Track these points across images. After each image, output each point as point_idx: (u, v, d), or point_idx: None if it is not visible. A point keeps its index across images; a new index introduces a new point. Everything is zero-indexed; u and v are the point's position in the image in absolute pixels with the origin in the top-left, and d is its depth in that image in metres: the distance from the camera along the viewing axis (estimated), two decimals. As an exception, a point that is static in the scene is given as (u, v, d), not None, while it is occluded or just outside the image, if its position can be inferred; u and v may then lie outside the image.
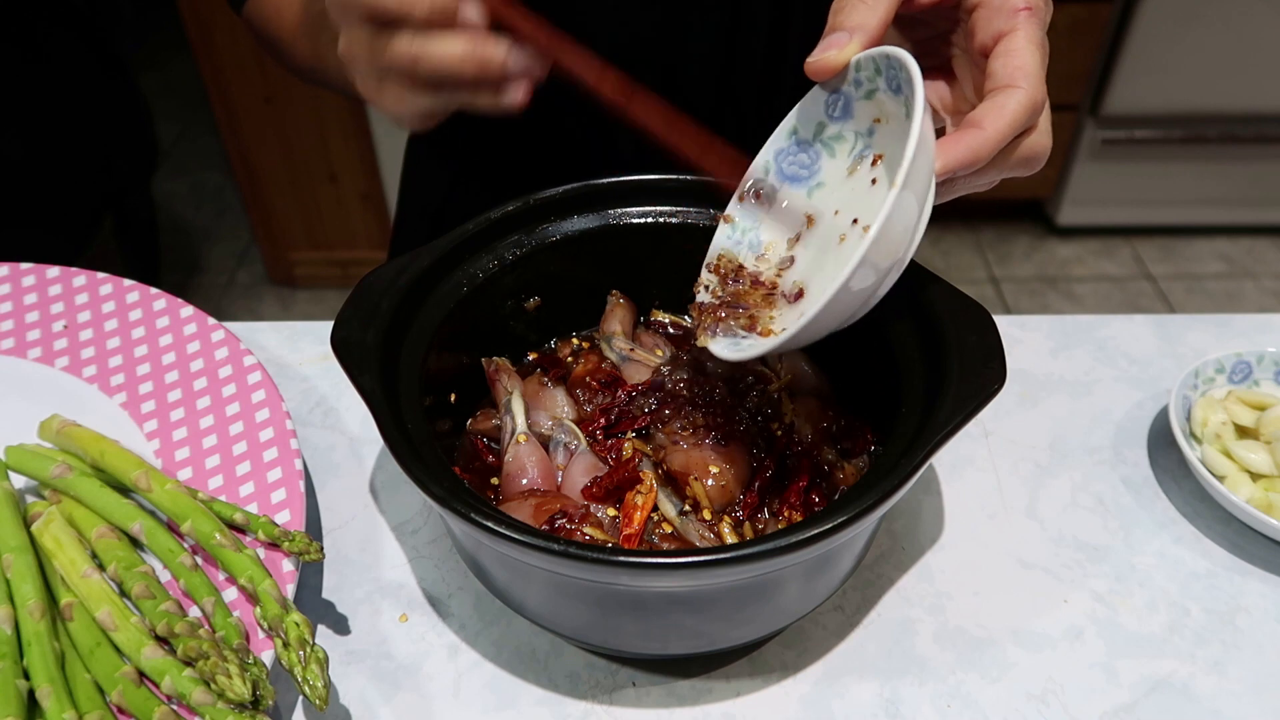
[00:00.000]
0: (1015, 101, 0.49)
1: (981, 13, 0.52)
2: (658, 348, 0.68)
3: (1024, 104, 0.49)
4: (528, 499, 0.57)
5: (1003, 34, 0.51)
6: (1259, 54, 2.15)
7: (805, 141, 0.56)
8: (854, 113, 0.54)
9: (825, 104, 0.55)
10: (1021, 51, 0.50)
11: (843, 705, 0.56)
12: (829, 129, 0.55)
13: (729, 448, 0.58)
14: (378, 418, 0.51)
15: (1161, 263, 2.49)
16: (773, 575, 0.49)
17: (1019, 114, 0.49)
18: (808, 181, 0.57)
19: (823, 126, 0.56)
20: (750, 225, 0.59)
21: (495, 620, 0.61)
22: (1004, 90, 0.50)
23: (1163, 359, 0.79)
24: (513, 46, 0.53)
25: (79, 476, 0.61)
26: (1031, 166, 0.53)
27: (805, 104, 0.55)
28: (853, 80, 0.52)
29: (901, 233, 0.47)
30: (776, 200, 0.58)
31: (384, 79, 0.55)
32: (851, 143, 0.55)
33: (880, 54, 0.50)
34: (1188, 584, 0.63)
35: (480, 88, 0.55)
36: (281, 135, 2.14)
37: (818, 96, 0.55)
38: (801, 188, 0.57)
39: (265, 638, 0.54)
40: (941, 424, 0.49)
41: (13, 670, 0.51)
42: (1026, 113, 0.50)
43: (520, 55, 0.54)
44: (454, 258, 0.62)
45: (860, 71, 0.51)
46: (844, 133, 0.55)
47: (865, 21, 0.51)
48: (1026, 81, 0.50)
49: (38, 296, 0.77)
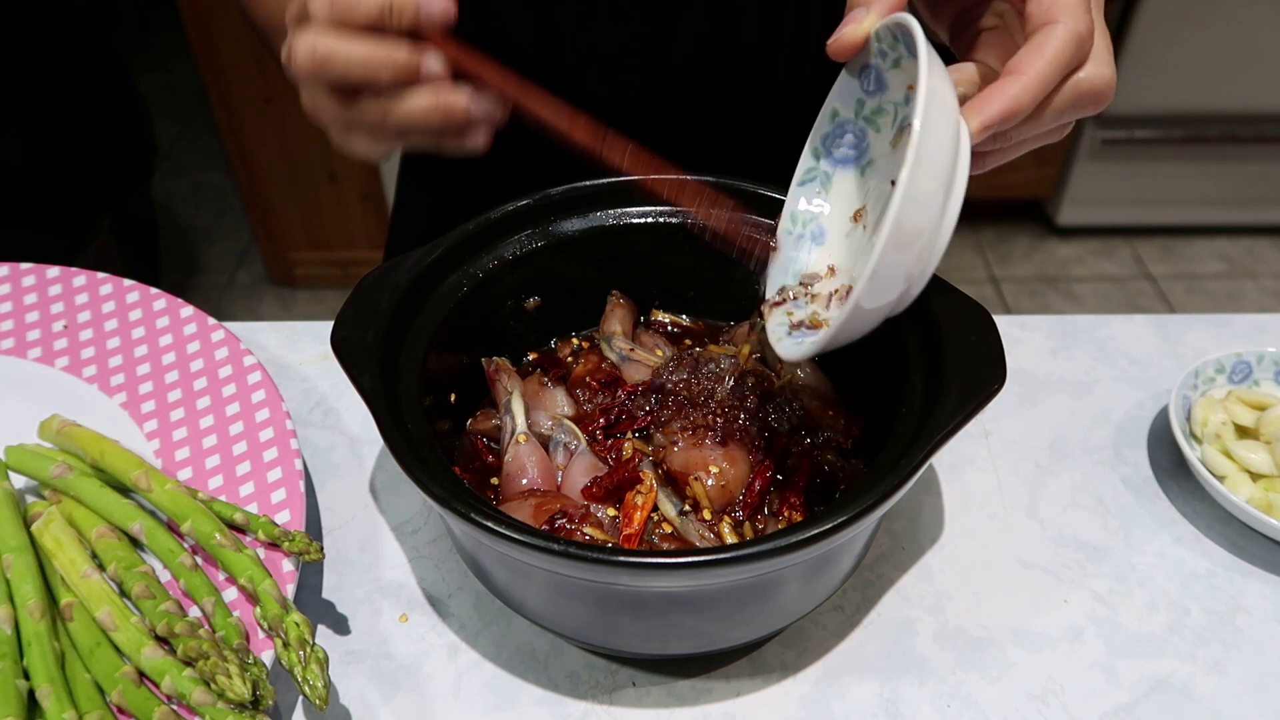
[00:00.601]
0: (1055, 38, 0.46)
1: None
2: (658, 348, 0.68)
3: (1065, 39, 0.46)
4: (528, 499, 0.57)
5: None
6: (1259, 54, 2.15)
7: (849, 121, 0.56)
8: (888, 84, 0.53)
9: (859, 81, 0.54)
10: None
11: (843, 705, 0.56)
12: (868, 104, 0.55)
13: (729, 448, 0.58)
14: (378, 418, 0.51)
15: (1161, 263, 2.50)
16: (773, 575, 0.49)
17: (1061, 51, 0.46)
18: (859, 161, 0.57)
19: (862, 103, 0.55)
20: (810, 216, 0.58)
21: (495, 620, 0.61)
22: (1042, 28, 0.46)
23: (1163, 359, 0.79)
24: (475, 94, 0.55)
25: (79, 476, 0.61)
26: (1096, 104, 0.50)
27: (840, 85, 0.54)
28: (877, 52, 0.51)
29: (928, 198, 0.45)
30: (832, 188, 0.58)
31: (351, 129, 0.56)
32: (892, 114, 0.54)
33: (892, 21, 0.48)
34: (1188, 584, 0.63)
35: (445, 134, 0.56)
36: (281, 135, 2.14)
37: (849, 76, 0.54)
38: (854, 168, 0.57)
39: (265, 638, 0.54)
40: (941, 424, 0.49)
41: (13, 670, 0.51)
42: (1070, 47, 0.46)
43: (482, 102, 0.55)
44: (454, 258, 0.62)
45: (881, 42, 0.50)
46: (883, 105, 0.54)
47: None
48: (1065, 14, 0.46)
49: (38, 296, 0.77)
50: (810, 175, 0.58)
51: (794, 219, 0.58)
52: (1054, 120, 0.50)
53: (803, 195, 0.58)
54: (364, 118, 0.55)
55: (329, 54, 0.52)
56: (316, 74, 0.53)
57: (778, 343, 0.54)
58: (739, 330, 0.69)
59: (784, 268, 0.58)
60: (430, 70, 0.54)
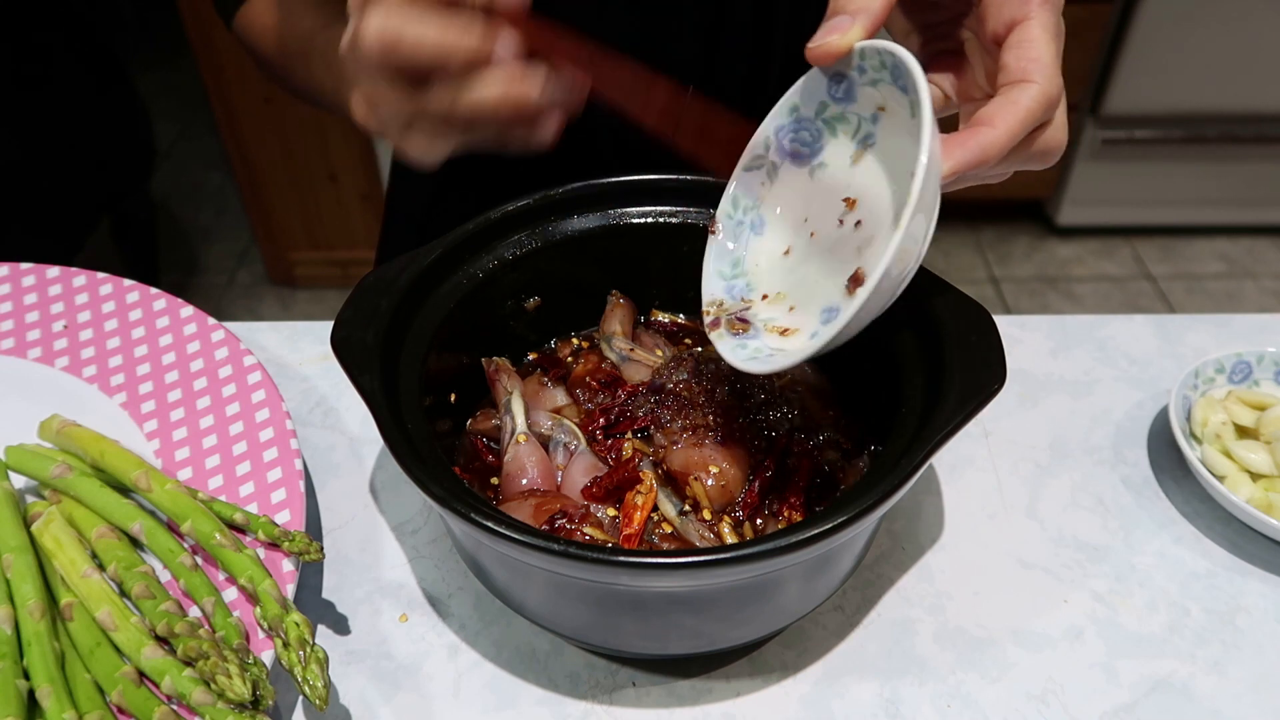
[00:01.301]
0: (1028, 97, 0.48)
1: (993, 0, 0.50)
2: (658, 348, 0.68)
3: (1038, 99, 0.48)
4: (528, 499, 0.57)
5: (1016, 22, 0.49)
6: (1259, 54, 2.15)
7: (807, 119, 0.55)
8: (857, 97, 0.53)
9: (828, 86, 0.53)
10: (1036, 42, 0.48)
11: (843, 705, 0.56)
12: (831, 109, 0.54)
13: (729, 448, 0.58)
14: (378, 418, 0.51)
15: (1161, 263, 2.49)
16: (773, 575, 0.49)
17: (1033, 110, 0.48)
18: (810, 160, 0.56)
19: (825, 106, 0.54)
20: (751, 204, 0.58)
21: (495, 620, 0.61)
22: (1017, 85, 0.48)
23: (1163, 359, 0.79)
24: (548, 79, 0.51)
25: (79, 476, 0.61)
26: (1045, 161, 0.52)
27: (807, 82, 0.54)
28: (856, 66, 0.51)
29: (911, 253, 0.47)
30: (778, 178, 0.57)
31: (411, 125, 0.53)
32: (855, 125, 0.54)
33: (885, 50, 0.48)
34: (1188, 584, 0.63)
35: (514, 126, 0.52)
36: (281, 135, 2.14)
37: (819, 77, 0.53)
38: (804, 166, 0.56)
39: (265, 638, 0.54)
40: (941, 424, 0.49)
41: (13, 670, 0.51)
42: (1041, 109, 0.48)
43: (556, 87, 0.51)
44: (454, 258, 0.62)
45: (865, 60, 0.50)
46: (846, 114, 0.54)
47: (868, 4, 0.49)
48: (1041, 75, 0.48)
49: (38, 296, 0.77)
50: (758, 163, 0.57)
51: (735, 203, 0.58)
52: (1007, 168, 0.51)
53: (747, 181, 0.57)
54: (429, 108, 0.51)
55: (398, 35, 0.48)
56: (385, 57, 0.49)
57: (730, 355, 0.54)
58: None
59: (720, 253, 0.58)
60: (502, 53, 0.50)
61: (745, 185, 0.58)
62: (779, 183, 0.57)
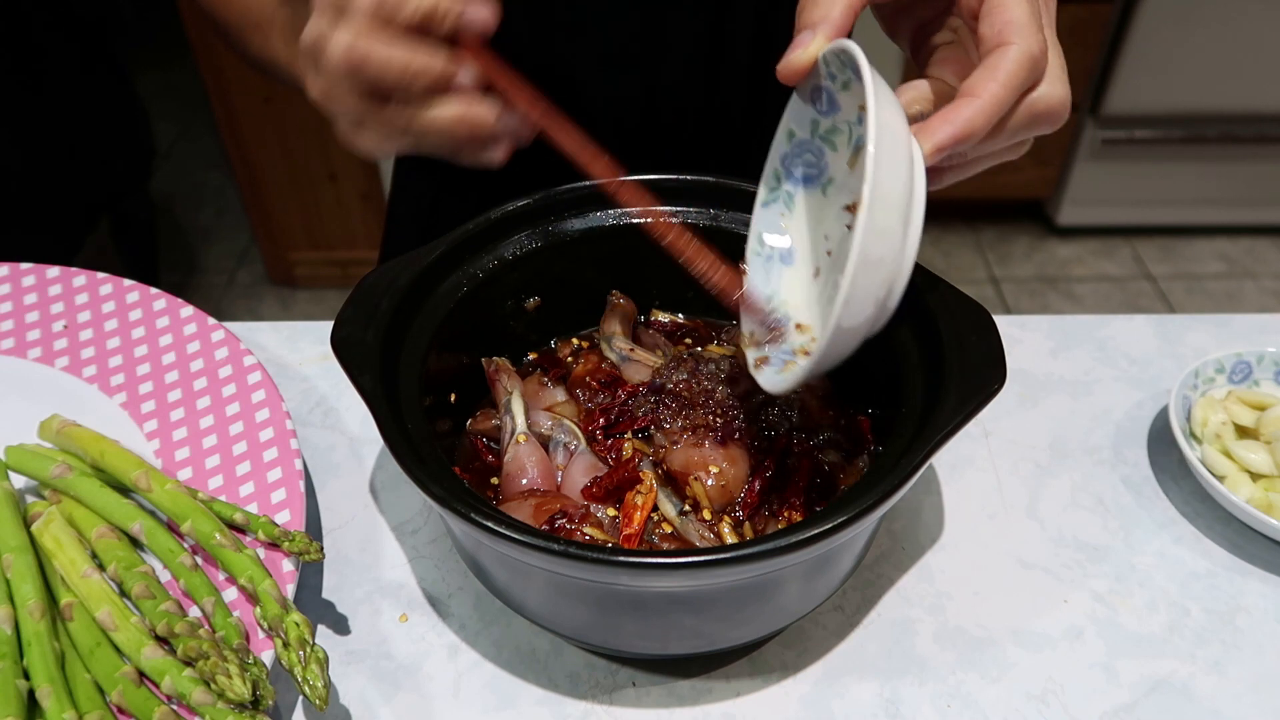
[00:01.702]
0: (1008, 60, 0.46)
1: None
2: (658, 348, 0.68)
3: (1018, 60, 0.46)
4: (528, 499, 0.57)
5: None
6: (1259, 54, 2.15)
7: (805, 140, 0.56)
8: (839, 104, 0.53)
9: (811, 103, 0.54)
10: (1007, 5, 0.47)
11: (843, 705, 0.56)
12: (823, 124, 0.55)
13: (729, 448, 0.58)
14: (378, 418, 0.51)
15: (1161, 263, 2.50)
16: (773, 575, 0.49)
17: (1014, 73, 0.46)
18: (819, 180, 0.56)
19: (817, 123, 0.55)
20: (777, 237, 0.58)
21: (495, 620, 0.61)
22: (995, 51, 0.47)
23: (1163, 359, 0.79)
24: (503, 110, 0.54)
25: (79, 476, 0.61)
26: (1052, 123, 0.50)
27: (793, 105, 0.55)
28: (827, 75, 0.51)
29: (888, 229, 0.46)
30: (795, 205, 0.58)
31: (364, 125, 0.55)
32: (847, 133, 0.54)
33: (838, 49, 0.48)
34: (1188, 584, 0.63)
35: (465, 146, 0.55)
36: (281, 135, 2.14)
37: (801, 97, 0.54)
38: (816, 187, 0.57)
39: (265, 638, 0.54)
40: (941, 424, 0.49)
41: (13, 670, 0.51)
42: (1023, 69, 0.46)
43: (509, 118, 0.54)
44: (454, 257, 0.62)
45: (830, 66, 0.50)
46: (838, 125, 0.54)
47: (828, 14, 0.49)
48: (1017, 35, 0.46)
49: (38, 296, 0.77)
50: (774, 197, 0.58)
51: (761, 240, 0.59)
52: (1009, 139, 0.50)
53: (768, 216, 0.58)
54: (385, 120, 0.53)
55: (366, 55, 0.50)
56: (350, 74, 0.51)
57: (758, 374, 0.55)
58: (739, 330, 0.69)
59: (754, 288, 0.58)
60: (463, 81, 0.52)
61: (766, 221, 0.58)
62: (798, 210, 0.58)
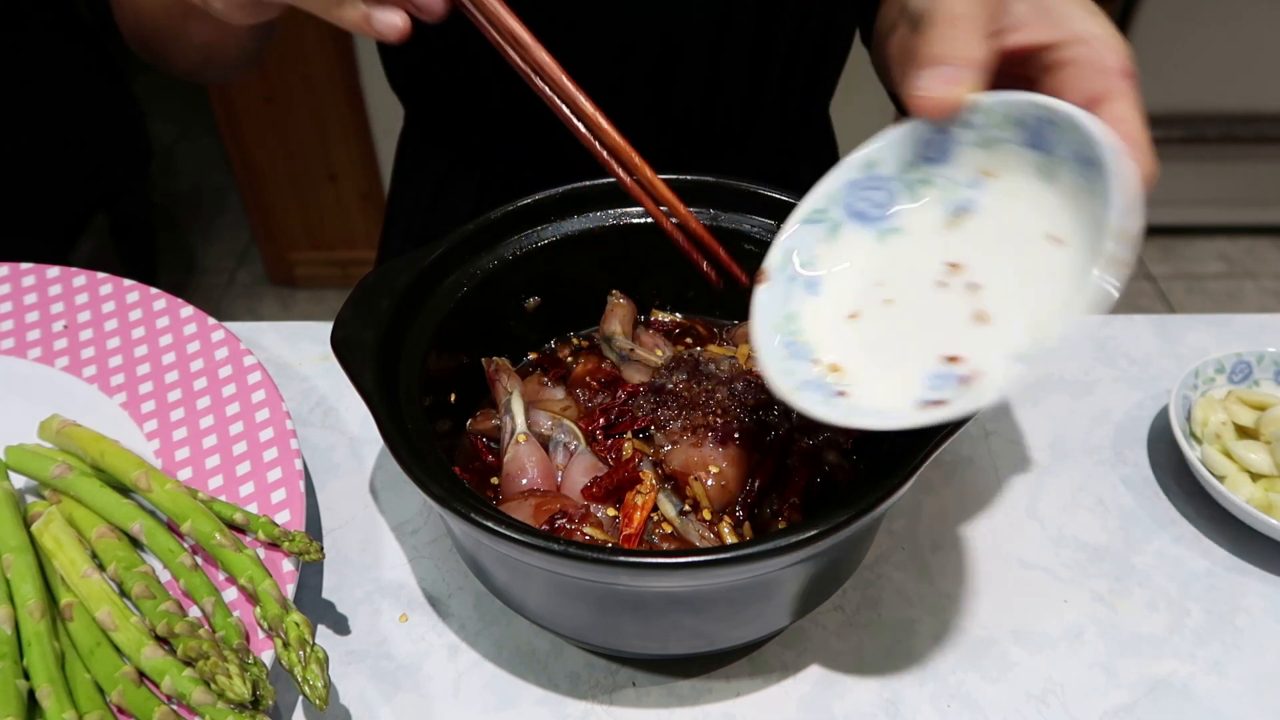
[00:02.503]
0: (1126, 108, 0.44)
1: (1070, 72, 0.46)
2: (658, 348, 0.68)
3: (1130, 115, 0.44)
4: (528, 499, 0.57)
5: (1099, 100, 0.45)
6: (1259, 54, 2.15)
7: (883, 178, 0.50)
8: (955, 159, 0.48)
9: (921, 142, 0.48)
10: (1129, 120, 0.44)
11: (843, 705, 0.56)
12: (918, 170, 0.49)
13: (729, 448, 0.58)
14: (378, 418, 0.51)
15: (1161, 263, 2.49)
16: (773, 575, 0.49)
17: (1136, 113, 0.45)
18: (877, 222, 0.51)
19: (911, 165, 0.50)
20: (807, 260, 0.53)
21: (495, 620, 0.61)
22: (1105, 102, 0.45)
23: (1163, 359, 0.79)
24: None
25: (79, 476, 0.61)
26: None
27: (890, 137, 0.49)
28: (966, 123, 0.46)
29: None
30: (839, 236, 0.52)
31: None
32: (941, 191, 0.49)
33: (1027, 103, 0.43)
34: (1188, 584, 0.63)
35: None
36: (281, 135, 2.14)
37: (913, 132, 0.48)
38: (869, 227, 0.52)
39: (265, 638, 0.54)
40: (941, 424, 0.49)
41: (13, 670, 0.51)
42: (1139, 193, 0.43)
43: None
44: (454, 257, 0.62)
45: (983, 115, 0.45)
46: (933, 178, 0.49)
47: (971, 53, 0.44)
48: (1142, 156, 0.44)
49: (38, 296, 0.77)
50: (819, 216, 0.52)
51: (788, 256, 0.53)
52: None
53: (805, 237, 0.53)
54: None
55: None
56: None
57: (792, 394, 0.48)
58: (739, 330, 0.69)
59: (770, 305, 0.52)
60: None
61: (802, 240, 0.53)
62: (840, 242, 0.52)
